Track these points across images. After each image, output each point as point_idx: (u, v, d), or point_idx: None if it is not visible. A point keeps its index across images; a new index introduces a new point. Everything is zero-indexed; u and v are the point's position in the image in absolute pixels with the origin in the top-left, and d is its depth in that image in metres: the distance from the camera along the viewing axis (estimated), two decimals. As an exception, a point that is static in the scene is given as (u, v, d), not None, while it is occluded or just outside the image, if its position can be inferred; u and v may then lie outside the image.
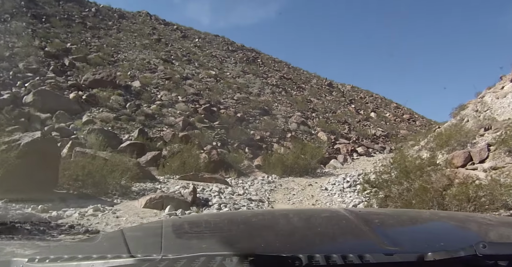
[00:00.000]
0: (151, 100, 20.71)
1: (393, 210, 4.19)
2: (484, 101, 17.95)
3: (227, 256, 0.96)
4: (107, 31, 32.04)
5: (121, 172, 8.53)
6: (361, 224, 1.42)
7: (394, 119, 37.94)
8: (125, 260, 1.00)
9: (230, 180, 12.29)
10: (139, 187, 9.14)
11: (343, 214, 1.66)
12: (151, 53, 29.58)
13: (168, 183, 10.38)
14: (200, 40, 37.42)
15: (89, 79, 20.82)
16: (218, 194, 8.85)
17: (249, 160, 17.41)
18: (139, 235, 1.57)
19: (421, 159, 10.92)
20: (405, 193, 7.14)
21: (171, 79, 24.22)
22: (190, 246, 1.30)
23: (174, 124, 18.91)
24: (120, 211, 6.61)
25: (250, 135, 20.47)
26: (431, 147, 15.84)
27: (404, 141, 27.64)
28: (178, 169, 12.65)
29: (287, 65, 41.83)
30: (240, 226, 1.69)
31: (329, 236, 1.45)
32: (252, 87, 29.22)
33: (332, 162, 19.80)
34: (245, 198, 8.92)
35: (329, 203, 9.69)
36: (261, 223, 1.76)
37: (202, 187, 9.69)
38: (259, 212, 3.26)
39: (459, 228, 1.64)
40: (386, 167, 14.44)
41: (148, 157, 14.71)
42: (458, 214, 3.21)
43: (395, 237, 1.29)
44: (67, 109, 17.85)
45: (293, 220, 1.84)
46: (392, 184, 7.71)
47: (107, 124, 17.43)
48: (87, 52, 25.60)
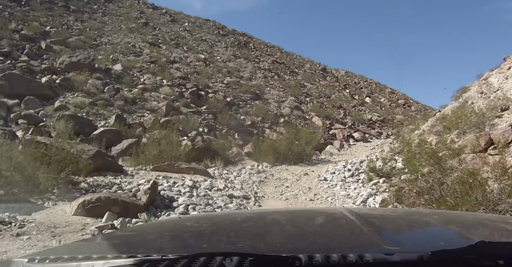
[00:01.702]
0: (132, 84, 18.47)
1: (393, 210, 3.94)
2: (489, 82, 16.38)
3: (227, 256, 0.89)
4: (92, 14, 29.48)
5: (66, 165, 6.38)
6: (361, 224, 1.35)
7: (389, 104, 35.90)
8: (125, 260, 0.94)
9: (213, 171, 10.23)
10: (94, 182, 7.01)
11: (343, 214, 1.60)
12: (137, 36, 27.15)
13: (136, 176, 8.28)
14: (190, 24, 34.88)
15: (65, 62, 18.51)
16: (191, 190, 6.74)
17: (238, 147, 15.33)
18: (139, 235, 1.51)
19: (444, 143, 8.90)
20: (435, 186, 5.07)
21: (157, 63, 21.91)
22: (190, 246, 1.26)
23: (157, 109, 16.73)
24: (32, 224, 4.48)
25: (240, 120, 18.34)
26: (438, 131, 14.03)
27: (401, 126, 26.04)
28: (155, 159, 10.57)
29: (280, 50, 39.34)
30: (240, 226, 1.60)
31: (329, 236, 1.38)
32: (243, 71, 26.93)
33: (328, 148, 17.87)
34: (225, 194, 6.82)
35: (330, 197, 7.62)
36: (261, 223, 1.68)
37: (174, 180, 7.61)
38: (260, 212, 2.91)
39: (460, 228, 1.53)
40: (395, 152, 12.41)
41: (124, 145, 12.60)
42: (458, 213, 3.02)
43: (395, 236, 1.29)
44: (38, 95, 15.63)
45: (293, 220, 1.76)
46: (413, 175, 5.62)
47: (81, 110, 15.25)
48: (67, 36, 23.18)
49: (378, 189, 7.92)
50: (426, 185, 5.14)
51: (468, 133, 11.74)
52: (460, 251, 0.88)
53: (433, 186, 5.02)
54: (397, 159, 11.00)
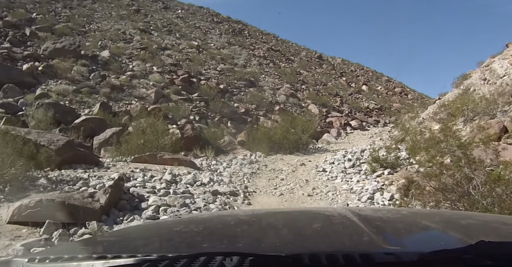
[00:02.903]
0: (120, 70, 17.22)
1: (394, 209, 3.60)
2: (492, 69, 15.37)
3: (227, 255, 0.87)
4: (81, 1, 27.95)
5: (19, 157, 5.24)
6: (362, 223, 1.31)
7: (386, 92, 34.80)
8: (125, 260, 0.91)
9: (201, 161, 9.13)
10: (58, 177, 5.88)
11: (343, 213, 1.58)
12: (128, 23, 25.74)
13: (112, 168, 7.17)
14: (183, 11, 33.36)
15: (49, 48, 17.21)
16: (168, 186, 5.63)
17: (231, 136, 14.21)
18: (139, 235, 1.46)
19: (449, 131, 7.85)
20: (462, 182, 3.99)
21: (147, 49, 20.59)
22: (190, 245, 1.21)
23: (146, 96, 15.54)
24: None
25: (234, 108, 17.19)
26: (441, 118, 13.07)
27: (398, 114, 25.15)
28: (139, 149, 9.47)
29: (275, 38, 37.89)
30: (240, 225, 1.56)
31: (330, 236, 1.33)
32: (237, 58, 25.63)
33: (325, 137, 16.83)
34: (209, 190, 5.71)
35: (331, 192, 6.53)
36: (262, 223, 1.62)
37: (152, 174, 6.49)
38: (260, 212, 2.52)
39: (460, 228, 1.47)
40: (397, 141, 11.34)
41: (107, 134, 11.45)
42: (458, 213, 2.85)
43: (395, 236, 1.28)
44: (19, 82, 14.41)
45: (293, 220, 1.68)
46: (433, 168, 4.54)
47: (64, 98, 14.06)
48: (54, 22, 21.76)
49: (384, 182, 6.85)
50: (451, 181, 4.06)
51: (475, 121, 10.77)
52: (460, 251, 0.87)
53: (460, 183, 3.95)
54: (401, 148, 9.99)
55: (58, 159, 7.05)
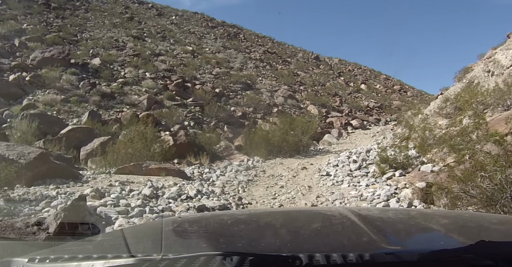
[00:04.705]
0: (112, 78, 16.35)
1: (394, 209, 3.54)
2: (496, 60, 14.45)
3: (227, 255, 0.86)
4: (74, 11, 27.15)
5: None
6: (362, 224, 1.28)
7: (385, 91, 33.90)
8: (125, 260, 0.90)
9: (192, 170, 8.20)
10: (23, 195, 4.97)
11: (343, 213, 1.54)
12: (121, 31, 24.91)
13: (91, 182, 6.25)
14: (177, 17, 32.57)
15: (37, 58, 16.38)
16: (145, 202, 4.69)
17: (228, 141, 13.29)
18: (139, 235, 1.45)
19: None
20: (506, 187, 3.05)
21: (140, 56, 19.74)
22: (190, 245, 1.22)
23: (138, 103, 14.66)
24: None
25: (230, 112, 16.28)
26: (448, 113, 12.21)
27: (399, 112, 24.28)
28: (126, 158, 8.59)
29: (271, 40, 37.04)
30: (240, 225, 1.53)
31: (330, 236, 1.31)
32: (233, 62, 24.77)
33: (327, 137, 15.91)
34: (195, 205, 4.77)
35: (338, 200, 5.58)
36: (261, 222, 1.60)
37: (132, 187, 5.58)
38: (260, 212, 2.52)
39: (460, 228, 1.46)
40: (402, 139, 10.48)
41: (95, 144, 10.58)
42: (458, 213, 2.73)
43: (395, 236, 1.26)
44: (4, 94, 13.62)
45: (293, 220, 1.65)
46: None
47: (51, 108, 13.19)
48: (44, 32, 20.94)
49: (397, 185, 5.91)
50: (489, 187, 3.14)
51: (486, 113, 9.89)
52: (460, 250, 0.86)
53: (504, 188, 3.03)
54: (409, 146, 9.09)
55: (29, 174, 6.16)
